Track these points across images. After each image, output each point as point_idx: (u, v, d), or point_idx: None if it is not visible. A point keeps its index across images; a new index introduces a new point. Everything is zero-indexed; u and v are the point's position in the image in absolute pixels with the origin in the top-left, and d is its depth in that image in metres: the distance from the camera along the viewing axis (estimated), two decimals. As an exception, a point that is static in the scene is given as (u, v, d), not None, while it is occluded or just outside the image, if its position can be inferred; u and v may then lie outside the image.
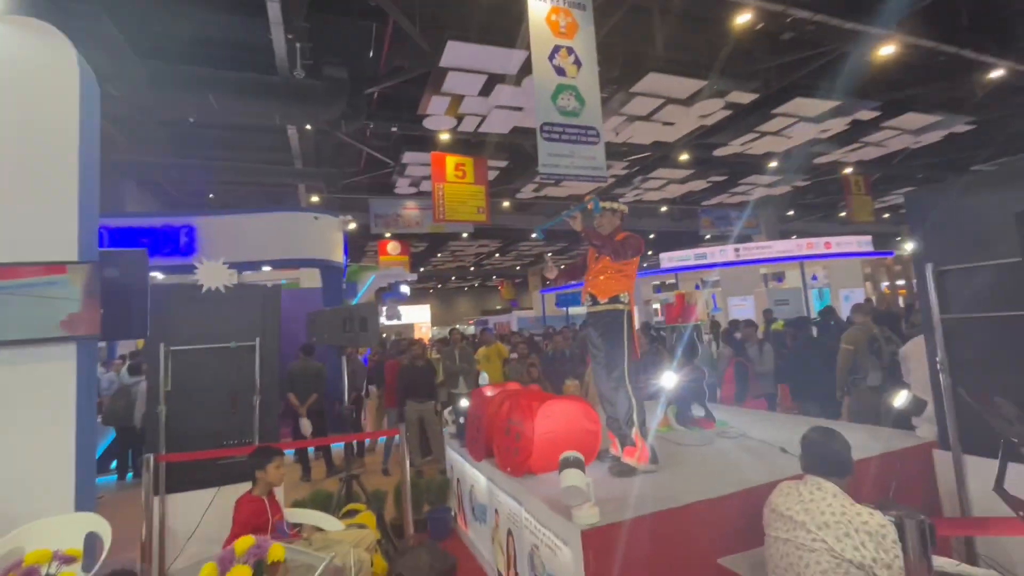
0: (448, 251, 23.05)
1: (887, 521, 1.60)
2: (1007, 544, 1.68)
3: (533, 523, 2.48)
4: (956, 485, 2.43)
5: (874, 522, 1.65)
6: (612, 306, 2.93)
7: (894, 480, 2.24)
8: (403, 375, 5.56)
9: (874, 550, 1.61)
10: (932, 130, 11.47)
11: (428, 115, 9.26)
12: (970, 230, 2.49)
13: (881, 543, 1.61)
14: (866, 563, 1.59)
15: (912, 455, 2.72)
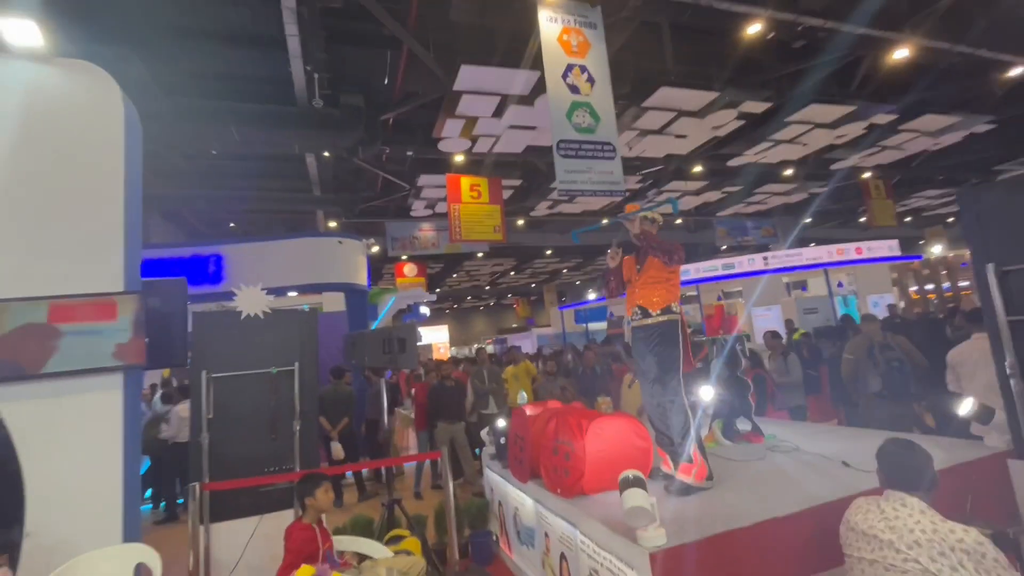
0: (464, 271, 23.17)
1: (984, 539, 1.50)
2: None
3: (591, 546, 2.40)
4: (1032, 495, 2.31)
5: (970, 539, 1.54)
6: (667, 316, 2.86)
7: (969, 494, 2.12)
8: (433, 396, 5.52)
9: (973, 570, 1.50)
10: (952, 131, 11.29)
11: (443, 138, 9.40)
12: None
13: (981, 562, 1.50)
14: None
15: (985, 466, 2.60)
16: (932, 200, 18.53)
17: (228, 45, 6.89)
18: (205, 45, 6.76)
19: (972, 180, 15.61)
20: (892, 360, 4.94)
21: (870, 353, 5.07)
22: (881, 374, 4.94)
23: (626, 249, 3.20)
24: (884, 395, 4.92)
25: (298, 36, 6.20)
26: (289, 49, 6.39)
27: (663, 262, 2.85)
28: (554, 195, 13.08)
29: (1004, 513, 2.48)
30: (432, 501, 5.40)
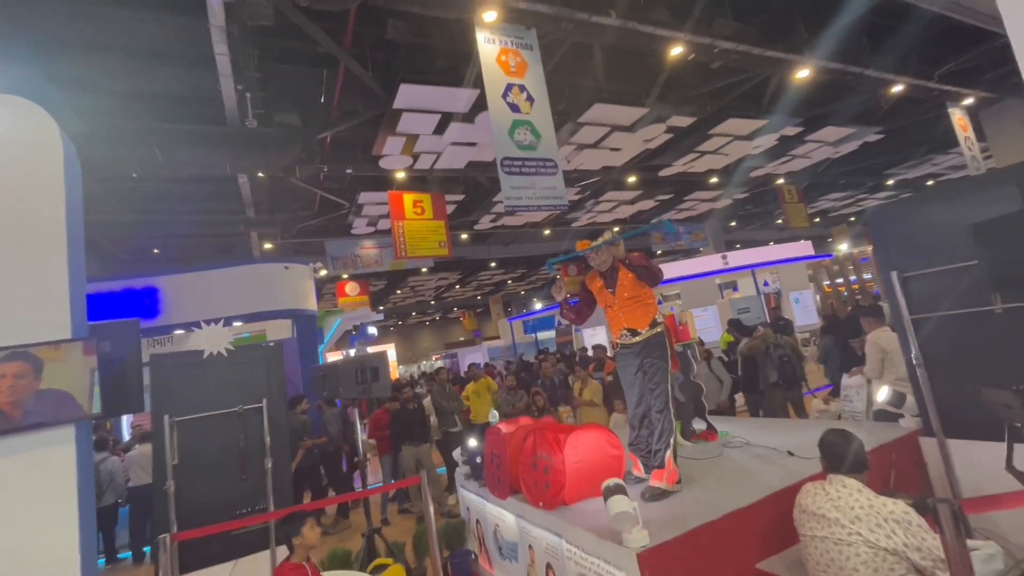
0: (408, 287, 22.83)
1: (909, 508, 1.76)
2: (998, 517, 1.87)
3: (578, 553, 2.50)
4: (944, 467, 2.68)
5: (899, 510, 1.81)
6: (654, 331, 2.98)
7: (892, 470, 2.43)
8: (396, 420, 5.44)
9: (903, 535, 1.76)
10: (848, 141, 12.62)
11: (384, 155, 9.34)
12: (927, 239, 2.79)
13: (908, 528, 1.77)
14: (899, 548, 1.74)
15: (902, 445, 2.95)
16: (836, 202, 20.48)
17: (150, 63, 6.52)
18: (125, 63, 6.36)
19: (867, 183, 17.44)
20: (783, 356, 6.35)
21: (767, 351, 6.37)
22: (776, 367, 6.25)
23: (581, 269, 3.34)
24: (780, 383, 6.30)
25: (228, 55, 5.98)
26: (219, 68, 6.14)
27: (648, 282, 2.97)
28: (497, 208, 13.27)
29: (920, 483, 2.86)
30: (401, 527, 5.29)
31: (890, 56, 8.97)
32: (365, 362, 3.06)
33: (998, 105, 11.04)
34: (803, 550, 2.06)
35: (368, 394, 3.06)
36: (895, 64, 9.05)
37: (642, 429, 2.99)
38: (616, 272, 3.06)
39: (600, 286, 3.19)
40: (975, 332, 2.63)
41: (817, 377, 8.86)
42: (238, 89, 6.73)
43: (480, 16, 6.12)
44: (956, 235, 2.36)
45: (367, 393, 3.06)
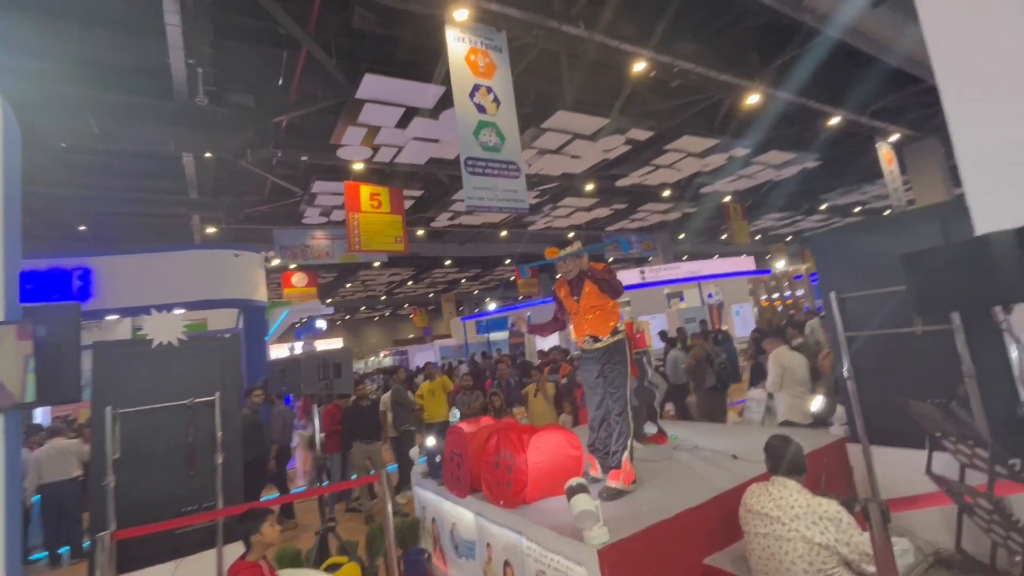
0: (359, 281, 22.26)
1: (841, 507, 1.94)
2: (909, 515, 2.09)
3: (537, 550, 2.57)
4: (867, 471, 2.95)
5: (832, 509, 2.00)
6: (615, 338, 3.11)
7: (823, 473, 2.65)
8: (348, 417, 5.30)
9: (835, 531, 1.95)
10: (790, 166, 13.49)
11: (342, 145, 9.09)
12: (863, 265, 3.07)
13: (840, 525, 1.96)
14: (831, 544, 1.93)
15: (832, 450, 3.22)
16: (776, 222, 21.83)
17: (93, 28, 6.04)
18: (62, 26, 5.87)
19: (803, 205, 18.69)
20: (720, 364, 7.30)
21: (707, 359, 7.30)
22: (715, 373, 7.18)
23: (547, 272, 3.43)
24: (717, 387, 7.24)
25: (180, 27, 5.65)
26: (169, 39, 5.79)
27: (609, 295, 3.09)
28: (456, 207, 13.21)
29: (847, 484, 3.14)
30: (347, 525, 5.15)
31: (829, 91, 9.68)
32: (329, 357, 2.98)
33: (919, 143, 12.14)
34: (747, 546, 2.22)
35: (330, 390, 2.99)
36: (833, 98, 9.77)
37: (601, 431, 3.11)
38: (582, 282, 3.19)
39: (566, 293, 3.31)
40: (898, 350, 2.92)
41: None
42: (189, 63, 6.37)
43: (451, 14, 6.09)
44: (888, 263, 2.63)
45: (329, 389, 2.98)
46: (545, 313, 16.74)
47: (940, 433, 1.67)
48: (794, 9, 6.71)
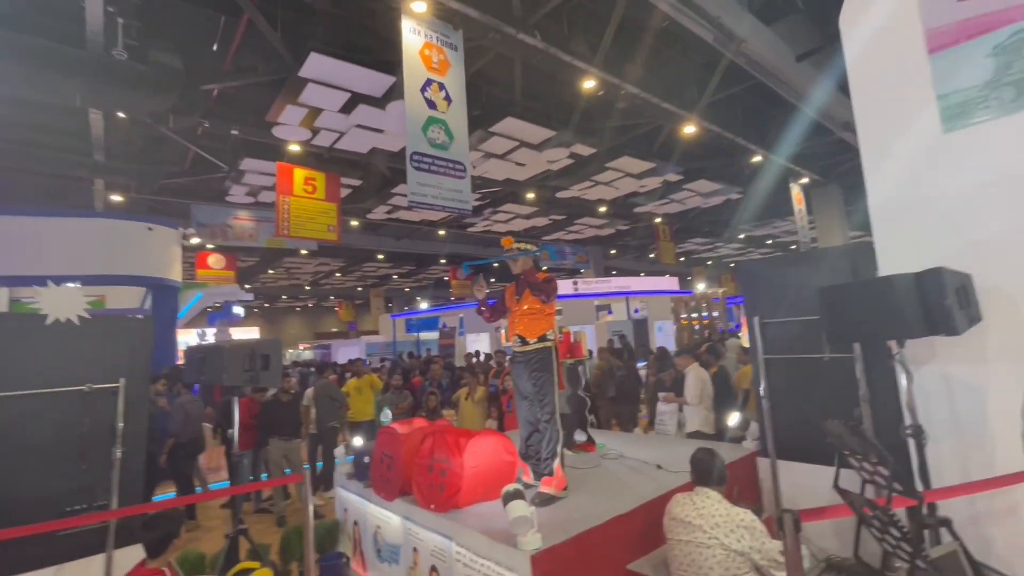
0: (283, 268, 21.01)
1: (755, 516, 2.09)
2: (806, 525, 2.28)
3: (468, 555, 2.53)
4: (773, 483, 3.21)
5: (748, 518, 2.15)
6: (542, 344, 3.14)
7: (736, 485, 2.85)
8: (266, 412, 4.94)
9: (750, 539, 2.10)
10: (716, 195, 14.48)
11: (279, 123, 8.58)
12: (784, 294, 3.35)
13: (754, 533, 2.11)
14: (745, 550, 2.07)
15: (745, 463, 3.45)
16: (699, 246, 23.33)
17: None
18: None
19: (724, 233, 20.13)
20: (621, 377, 7.97)
21: (610, 372, 7.96)
22: (616, 385, 7.84)
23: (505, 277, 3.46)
24: (616, 398, 7.90)
25: (102, -31, 5.09)
26: (87, -20, 5.19)
27: (541, 300, 3.14)
28: (395, 200, 12.88)
29: (756, 495, 3.40)
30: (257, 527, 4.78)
31: (756, 131, 10.53)
32: (257, 348, 2.75)
33: (825, 188, 13.49)
34: (669, 552, 2.33)
35: (256, 382, 2.76)
36: (758, 138, 10.62)
37: (532, 438, 3.14)
38: (524, 284, 3.22)
39: (512, 291, 3.36)
40: (808, 374, 3.22)
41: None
42: (108, 11, 5.74)
43: (409, 5, 5.96)
44: (805, 294, 2.89)
45: (255, 381, 2.75)
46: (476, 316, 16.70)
47: (848, 451, 1.86)
48: (731, 51, 7.22)
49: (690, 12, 6.39)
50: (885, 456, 1.72)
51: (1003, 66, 2.48)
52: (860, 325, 2.38)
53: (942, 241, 2.62)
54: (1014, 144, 2.49)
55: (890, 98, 2.85)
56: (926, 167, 2.71)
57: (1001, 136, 2.52)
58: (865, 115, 2.96)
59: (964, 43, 2.56)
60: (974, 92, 2.56)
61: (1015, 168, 2.49)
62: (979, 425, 2.52)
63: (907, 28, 2.75)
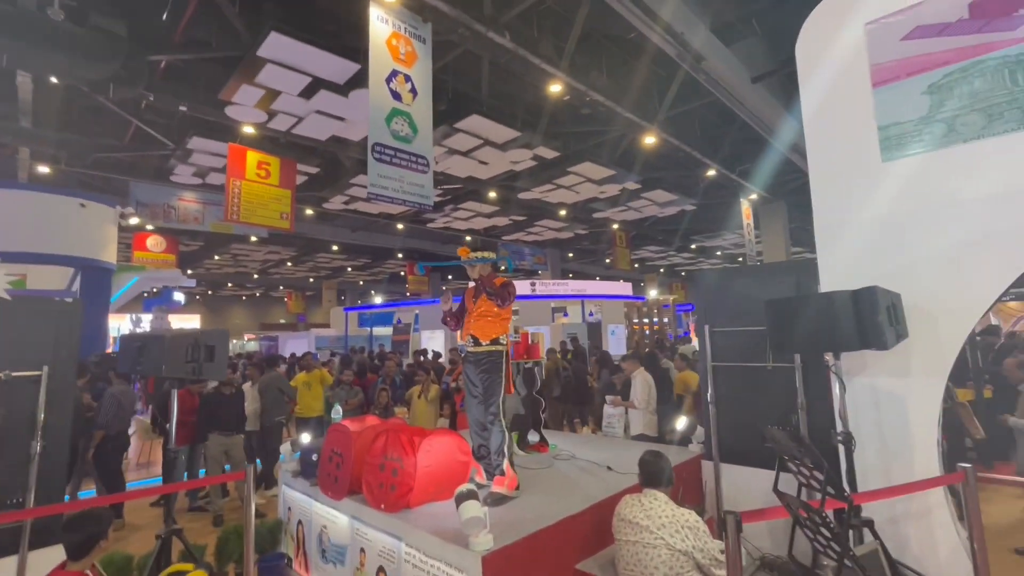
0: (229, 254, 20.00)
1: (699, 517, 2.17)
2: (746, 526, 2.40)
3: (417, 556, 2.50)
4: (716, 486, 3.35)
5: (692, 519, 2.23)
6: (493, 347, 3.16)
7: (682, 486, 2.95)
8: (206, 405, 4.67)
9: (693, 539, 2.18)
10: (672, 205, 14.96)
11: (233, 103, 8.18)
12: (731, 304, 3.51)
13: (697, 533, 2.20)
14: (688, 550, 2.15)
15: (690, 465, 3.59)
16: (652, 254, 24.05)
17: None
18: None
19: (676, 242, 20.84)
20: (567, 378, 8.35)
21: (556, 372, 8.24)
22: (561, 385, 8.14)
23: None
24: (561, 398, 8.22)
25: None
26: (21, -69, 4.77)
27: (496, 305, 3.17)
28: (353, 191, 12.55)
29: (699, 497, 3.54)
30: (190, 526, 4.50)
31: (711, 146, 10.96)
32: (201, 338, 2.57)
33: (772, 204, 14.22)
34: (616, 552, 2.39)
35: (198, 375, 2.58)
36: (713, 153, 11.06)
37: (481, 438, 3.16)
38: (481, 288, 3.24)
39: (471, 293, 3.38)
40: (752, 381, 3.38)
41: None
42: (45, -34, 5.29)
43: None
44: (753, 305, 3.04)
45: (197, 373, 2.57)
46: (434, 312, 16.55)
47: (787, 456, 1.97)
48: (692, 67, 7.49)
49: (656, 27, 6.57)
50: (820, 461, 1.83)
51: (936, 104, 2.70)
52: (801, 337, 2.53)
53: (877, 262, 2.82)
54: (942, 177, 2.71)
55: (837, 125, 3.04)
56: (866, 193, 2.91)
57: (931, 168, 2.74)
58: (814, 140, 3.14)
59: (904, 79, 2.77)
60: (910, 126, 2.77)
61: (941, 199, 2.72)
62: (901, 433, 2.72)
63: (856, 61, 2.95)
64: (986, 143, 2.58)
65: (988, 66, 2.54)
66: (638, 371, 5.49)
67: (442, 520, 2.58)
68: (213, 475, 4.62)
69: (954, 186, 2.67)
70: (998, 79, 2.51)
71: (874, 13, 2.89)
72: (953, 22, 2.65)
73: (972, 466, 2.26)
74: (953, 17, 2.65)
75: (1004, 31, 2.49)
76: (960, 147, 2.65)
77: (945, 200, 2.69)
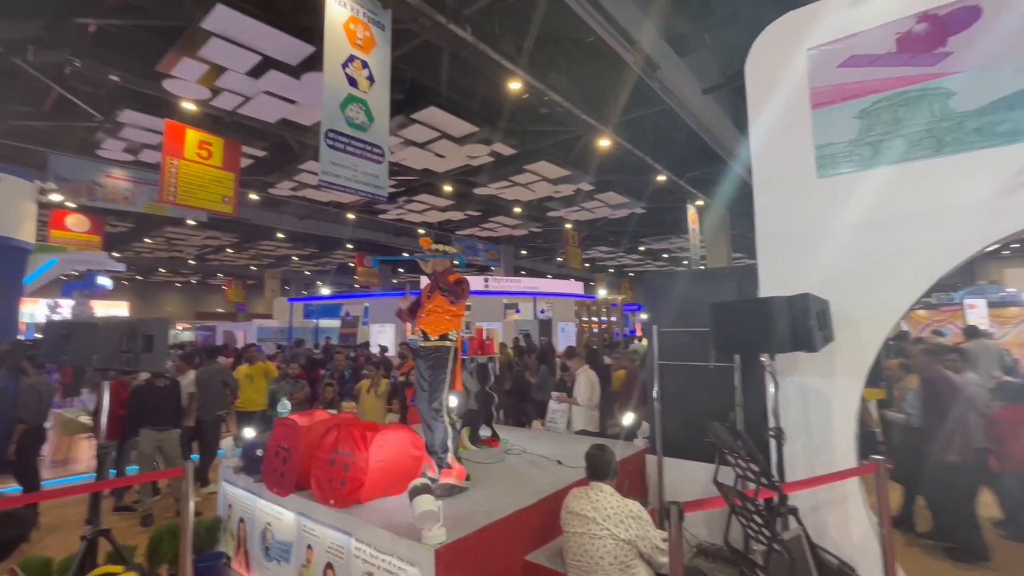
0: (163, 237, 18.71)
1: (642, 507, 2.28)
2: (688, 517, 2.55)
3: (368, 551, 2.47)
4: (659, 478, 3.51)
5: (635, 509, 2.35)
6: (441, 343, 3.14)
7: (627, 478, 3.08)
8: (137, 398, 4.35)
9: (636, 528, 2.29)
10: (623, 208, 15.38)
11: (172, 76, 7.67)
12: (680, 306, 3.67)
13: (640, 522, 2.31)
14: (632, 538, 2.26)
15: (635, 459, 3.73)
16: (603, 254, 24.64)
17: None
18: None
19: (626, 244, 21.47)
20: (519, 373, 8.42)
21: (509, 368, 8.37)
22: (513, 380, 8.17)
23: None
24: (512, 392, 8.23)
25: None
26: None
27: (449, 301, 3.16)
28: (302, 177, 12.08)
29: (643, 488, 3.70)
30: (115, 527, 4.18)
31: (663, 152, 11.35)
32: (138, 326, 2.37)
33: (715, 211, 14.90)
34: (564, 543, 2.47)
35: (135, 366, 2.39)
36: (664, 159, 11.47)
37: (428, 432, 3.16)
38: (435, 284, 3.24)
39: (428, 289, 3.34)
40: (695, 380, 3.57)
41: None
42: (-45, -90, 4.76)
43: (337, -27, 5.64)
44: (698, 307, 3.22)
45: (133, 364, 2.38)
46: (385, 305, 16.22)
47: (726, 449, 2.11)
48: (647, 75, 7.74)
49: (615, 33, 6.74)
50: (756, 454, 1.98)
51: (865, 128, 2.95)
52: (742, 338, 2.70)
53: (810, 270, 3.06)
54: (867, 195, 2.97)
55: (780, 142, 3.26)
56: (802, 207, 3.14)
57: (859, 187, 3.00)
58: (759, 154, 3.35)
59: (840, 103, 3.01)
60: (842, 147, 3.01)
61: (866, 216, 2.98)
62: (825, 428, 2.97)
63: (799, 83, 3.17)
64: (907, 167, 2.85)
65: (911, 97, 2.80)
66: (582, 369, 5.66)
67: (393, 515, 2.57)
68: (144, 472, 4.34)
69: (877, 204, 2.93)
70: (919, 109, 2.78)
71: (816, 40, 3.12)
72: (883, 54, 2.90)
73: (883, 458, 2.51)
74: (883, 49, 2.90)
75: (926, 66, 2.76)
76: (884, 169, 2.91)
77: (869, 217, 2.95)
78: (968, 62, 2.66)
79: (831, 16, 3.04)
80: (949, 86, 2.70)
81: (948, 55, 2.71)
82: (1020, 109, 2.50)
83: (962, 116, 2.67)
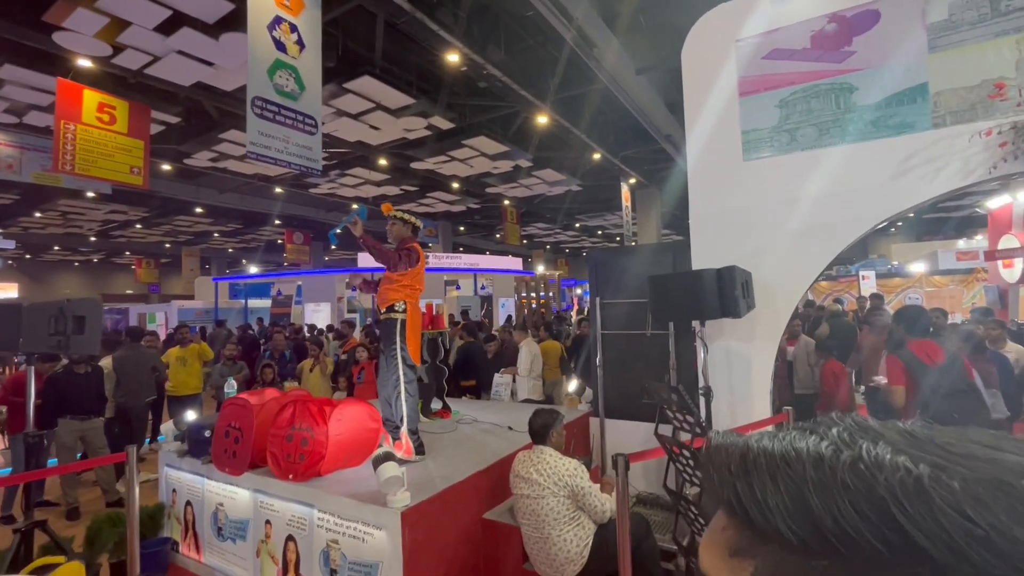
0: (57, 211, 16.71)
1: (580, 464, 2.50)
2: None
3: (331, 520, 2.52)
4: (601, 439, 3.79)
5: (572, 466, 2.56)
6: (388, 315, 3.10)
7: (573, 439, 3.30)
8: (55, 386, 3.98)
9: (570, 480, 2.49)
10: (560, 185, 15.66)
11: (63, 28, 6.84)
12: (620, 279, 3.91)
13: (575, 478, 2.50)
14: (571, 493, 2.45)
15: (580, 422, 3.99)
16: (540, 230, 25.00)
17: None
18: None
19: (563, 221, 21.92)
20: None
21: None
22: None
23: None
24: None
25: None
26: None
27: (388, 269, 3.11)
28: (223, 147, 11.24)
29: (587, 448, 3.97)
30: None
31: (598, 130, 11.64)
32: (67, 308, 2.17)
33: (647, 190, 15.58)
34: (515, 503, 2.67)
35: (65, 349, 2.19)
36: (600, 137, 11.78)
37: (386, 408, 3.19)
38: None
39: None
40: (634, 347, 3.85)
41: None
42: None
43: (263, -75, 5.25)
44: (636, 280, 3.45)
45: (63, 348, 2.18)
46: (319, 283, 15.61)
47: (665, 405, 2.34)
48: (585, 53, 7.88)
49: (552, 8, 6.77)
50: (692, 408, 2.22)
51: (784, 116, 3.26)
52: (676, 307, 2.96)
53: (736, 244, 3.38)
54: (784, 177, 3.30)
55: (712, 127, 3.52)
56: (730, 186, 3.44)
57: (777, 170, 3.32)
58: (693, 137, 3.61)
59: (763, 93, 3.29)
60: (765, 133, 3.31)
61: (783, 195, 3.32)
62: (745, 386, 3.35)
63: (729, 72, 3.42)
64: (816, 152, 3.20)
65: (821, 89, 3.13)
66: (524, 341, 5.87)
67: (355, 484, 2.64)
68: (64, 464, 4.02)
69: (792, 186, 3.27)
70: (827, 101, 3.11)
71: (744, 32, 3.37)
72: (799, 49, 3.20)
73: (791, 408, 2.89)
74: (799, 45, 3.20)
75: (834, 62, 3.08)
76: (799, 154, 3.24)
77: (785, 196, 3.30)
78: (868, 61, 3.00)
79: (757, 11, 3.30)
80: (852, 81, 3.05)
81: (852, 54, 3.04)
82: (909, 105, 2.89)
83: (862, 109, 3.03)
